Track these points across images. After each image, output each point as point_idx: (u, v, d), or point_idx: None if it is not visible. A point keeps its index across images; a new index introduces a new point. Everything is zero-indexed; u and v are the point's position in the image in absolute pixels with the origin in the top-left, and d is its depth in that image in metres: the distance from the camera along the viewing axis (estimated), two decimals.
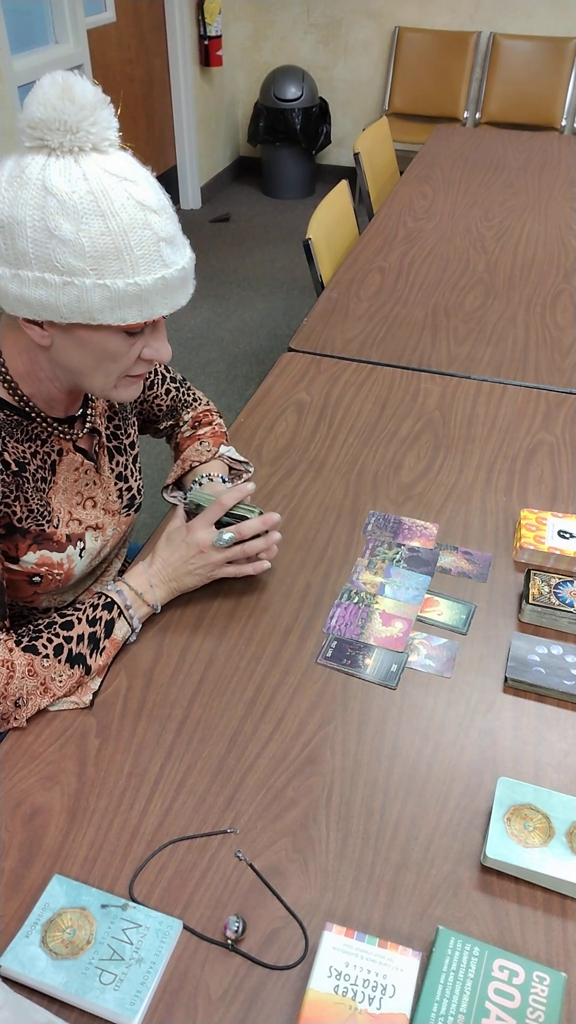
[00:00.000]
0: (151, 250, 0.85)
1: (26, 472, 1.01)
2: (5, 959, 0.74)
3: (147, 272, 0.85)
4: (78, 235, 0.82)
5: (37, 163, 0.82)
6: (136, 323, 0.88)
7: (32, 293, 0.85)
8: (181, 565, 1.09)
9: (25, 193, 0.82)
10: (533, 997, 0.72)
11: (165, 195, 0.89)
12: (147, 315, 0.88)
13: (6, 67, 3.17)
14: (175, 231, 0.89)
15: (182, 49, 4.57)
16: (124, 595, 1.05)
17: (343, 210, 2.62)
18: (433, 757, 0.94)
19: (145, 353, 0.95)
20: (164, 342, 0.96)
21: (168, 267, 0.87)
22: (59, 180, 0.81)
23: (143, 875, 0.83)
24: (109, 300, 0.85)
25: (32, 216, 0.82)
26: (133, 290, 0.85)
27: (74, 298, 0.84)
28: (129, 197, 0.83)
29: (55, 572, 1.07)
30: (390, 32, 4.83)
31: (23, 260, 0.83)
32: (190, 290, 0.92)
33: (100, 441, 1.14)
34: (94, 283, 0.83)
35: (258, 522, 1.09)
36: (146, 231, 0.84)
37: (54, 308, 0.85)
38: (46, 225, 0.81)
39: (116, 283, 0.84)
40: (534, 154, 3.15)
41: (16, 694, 0.94)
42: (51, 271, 0.83)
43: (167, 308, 0.90)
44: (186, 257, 0.90)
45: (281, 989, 0.75)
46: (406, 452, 1.45)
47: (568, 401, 1.61)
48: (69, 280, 0.83)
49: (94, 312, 0.85)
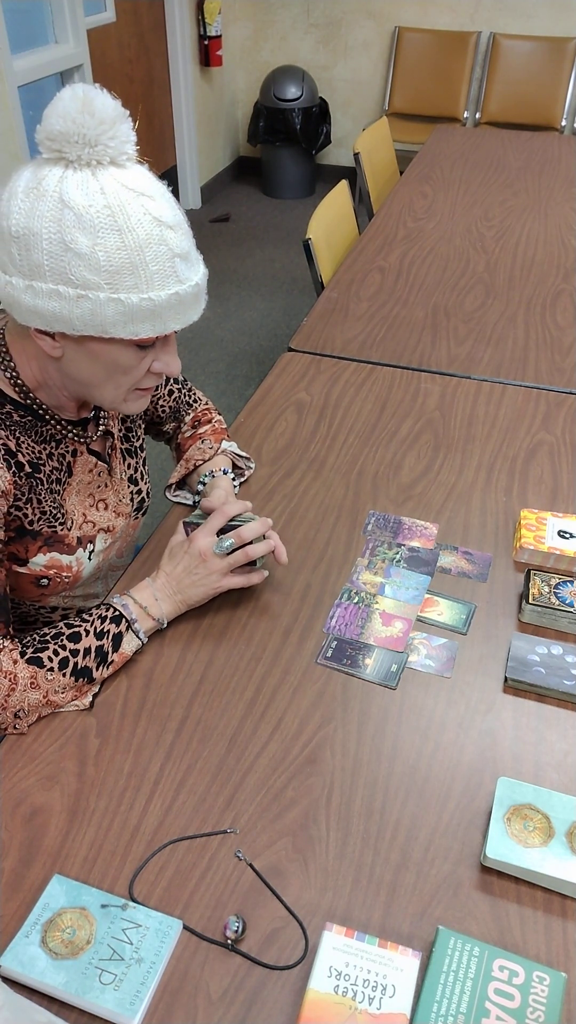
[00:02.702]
0: (166, 266, 0.85)
1: (40, 473, 1.01)
2: (5, 959, 0.74)
3: (161, 288, 0.86)
4: (94, 249, 0.82)
5: (54, 175, 0.82)
6: (148, 337, 0.88)
7: (46, 305, 0.85)
8: (185, 576, 1.07)
9: (42, 205, 0.82)
10: (533, 997, 0.72)
11: (181, 211, 0.89)
12: (160, 330, 0.88)
13: (6, 67, 3.16)
14: (190, 247, 0.89)
15: (182, 49, 4.57)
16: (129, 609, 1.03)
17: (343, 210, 2.62)
18: (433, 757, 0.94)
19: (155, 367, 0.95)
20: (174, 356, 0.96)
21: (182, 283, 0.87)
22: (76, 193, 0.81)
23: (143, 875, 0.83)
24: (122, 315, 0.85)
25: (48, 229, 0.82)
26: (147, 305, 0.85)
27: (87, 311, 0.84)
28: (146, 213, 0.83)
29: (64, 575, 1.07)
30: (390, 32, 4.83)
31: (38, 272, 0.83)
32: (202, 306, 0.93)
33: (113, 443, 1.14)
34: (108, 297, 0.83)
35: (258, 524, 1.08)
36: (161, 247, 0.85)
37: (67, 320, 0.85)
38: (62, 238, 0.82)
39: (130, 298, 0.84)
40: (534, 154, 3.15)
41: (17, 706, 0.94)
42: (65, 284, 0.83)
43: (179, 324, 0.90)
44: (199, 273, 0.91)
45: (281, 989, 0.75)
46: (406, 452, 1.45)
47: (568, 401, 1.61)
48: (83, 294, 0.83)
49: (107, 326, 0.85)
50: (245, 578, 1.10)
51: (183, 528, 1.13)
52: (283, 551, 1.11)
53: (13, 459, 0.97)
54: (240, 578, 1.10)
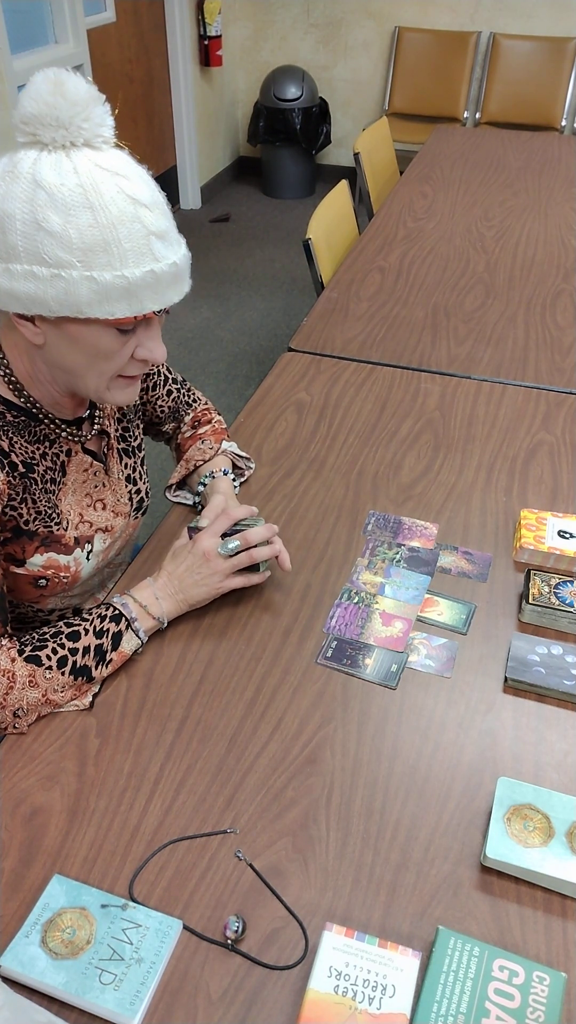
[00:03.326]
0: (140, 244, 0.85)
1: (34, 473, 1.01)
2: (5, 959, 0.74)
3: (136, 265, 0.85)
4: (66, 227, 0.82)
5: (29, 158, 0.83)
6: (125, 318, 0.88)
7: (21, 287, 0.85)
8: (187, 575, 1.06)
9: (16, 187, 0.82)
10: (533, 997, 0.72)
11: (160, 193, 0.89)
12: (136, 309, 0.88)
13: (6, 67, 3.17)
14: (168, 227, 0.88)
15: (182, 49, 4.57)
16: (129, 607, 1.03)
17: (343, 210, 2.62)
18: (433, 757, 0.94)
19: (138, 353, 0.95)
20: (158, 342, 0.95)
21: (158, 261, 0.87)
22: (49, 173, 0.82)
23: (143, 875, 0.83)
24: (97, 293, 0.85)
25: (22, 209, 0.82)
26: (121, 283, 0.85)
27: (62, 291, 0.84)
28: (120, 191, 0.84)
29: (62, 575, 1.07)
30: (390, 32, 4.83)
31: (13, 254, 0.84)
32: (184, 288, 0.92)
33: (109, 443, 1.14)
34: (81, 275, 0.83)
35: (263, 528, 1.08)
36: (136, 225, 0.84)
37: (43, 302, 0.85)
38: (35, 218, 0.82)
39: (103, 275, 0.84)
40: (534, 154, 3.15)
41: (16, 704, 0.93)
42: (39, 264, 0.83)
43: (157, 304, 0.89)
44: (179, 254, 0.90)
45: (281, 989, 0.75)
46: (406, 452, 1.45)
47: (568, 401, 1.61)
48: (57, 272, 0.83)
49: (82, 305, 0.85)
50: (245, 578, 1.10)
51: (187, 532, 1.12)
52: (287, 558, 1.11)
53: (6, 459, 0.97)
54: (241, 579, 1.10)
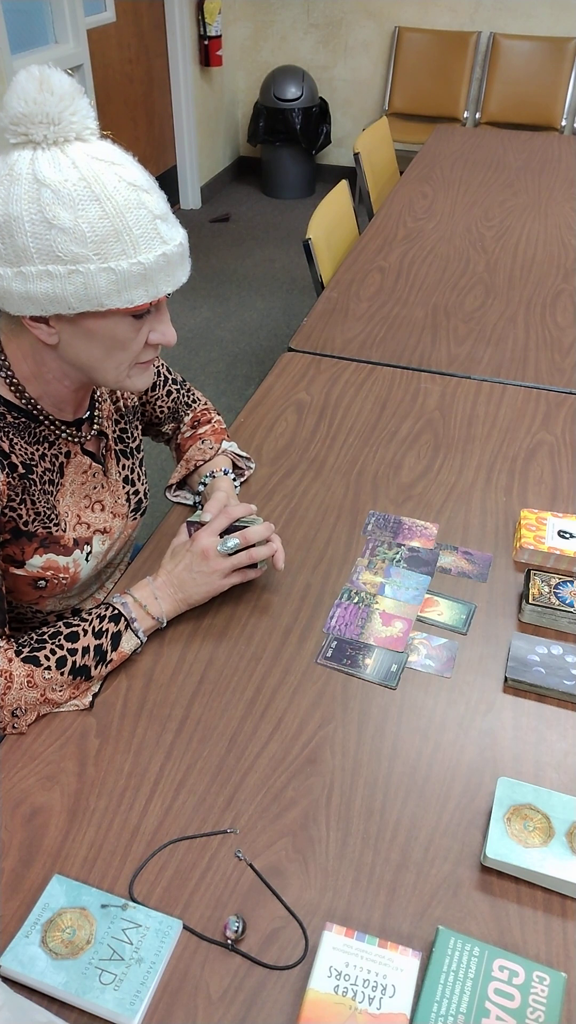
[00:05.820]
0: (148, 228, 0.86)
1: (33, 475, 1.01)
2: (5, 959, 0.74)
3: (148, 250, 0.86)
4: (77, 222, 0.82)
5: (25, 158, 0.83)
6: (143, 304, 0.89)
7: (37, 288, 0.85)
8: (186, 574, 1.07)
9: (17, 189, 0.82)
10: (533, 997, 0.72)
11: (151, 176, 0.90)
12: (153, 294, 0.89)
13: (6, 67, 3.16)
14: (166, 208, 0.90)
15: (182, 49, 4.57)
16: (129, 607, 1.03)
17: (343, 210, 2.62)
18: (433, 757, 0.94)
19: (152, 337, 0.95)
20: (169, 325, 0.96)
21: (167, 243, 0.88)
22: (50, 171, 0.82)
23: (143, 875, 0.83)
24: (115, 283, 0.85)
25: (28, 210, 0.82)
26: (137, 270, 0.86)
27: (80, 286, 0.84)
28: (120, 179, 0.84)
29: (61, 576, 1.07)
30: (390, 32, 4.83)
31: (24, 256, 0.83)
32: (188, 267, 0.93)
33: (107, 444, 1.14)
34: (99, 268, 0.84)
35: (263, 527, 1.08)
36: (141, 210, 0.85)
37: (62, 299, 0.85)
38: (43, 217, 0.82)
39: (120, 264, 0.85)
40: (534, 154, 3.15)
41: (14, 704, 0.93)
42: (55, 262, 0.83)
43: (170, 285, 0.90)
44: (181, 233, 0.92)
45: (281, 989, 0.75)
46: (406, 452, 1.45)
47: (568, 401, 1.61)
48: (74, 268, 0.83)
49: (102, 297, 0.86)
50: (243, 574, 1.10)
51: (186, 528, 1.13)
52: (282, 557, 1.11)
53: (6, 460, 0.97)
54: (239, 576, 1.10)
